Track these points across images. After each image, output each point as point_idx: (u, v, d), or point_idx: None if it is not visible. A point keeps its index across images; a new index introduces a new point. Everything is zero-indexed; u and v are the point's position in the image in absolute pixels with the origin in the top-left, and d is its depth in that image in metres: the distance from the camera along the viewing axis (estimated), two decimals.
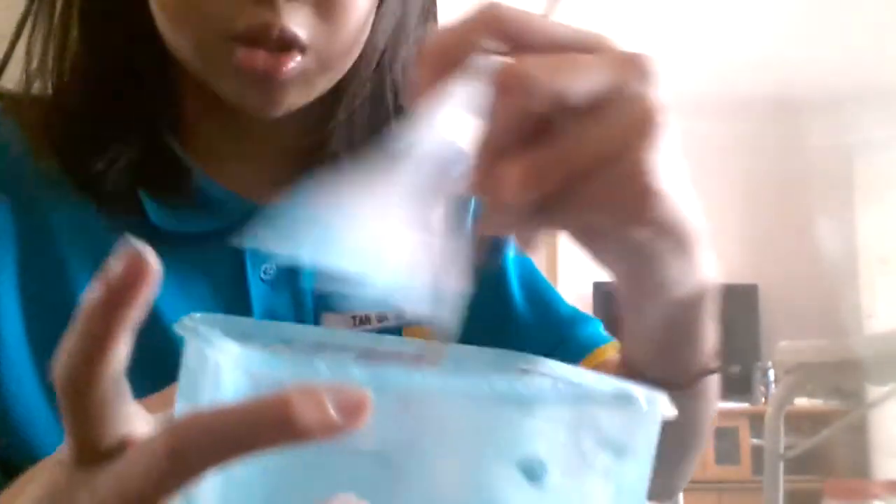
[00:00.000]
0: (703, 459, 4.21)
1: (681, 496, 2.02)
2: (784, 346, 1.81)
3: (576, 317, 0.65)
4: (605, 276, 0.41)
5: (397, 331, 0.58)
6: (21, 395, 0.47)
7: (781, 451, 1.75)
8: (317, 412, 0.22)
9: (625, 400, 0.27)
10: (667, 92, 0.32)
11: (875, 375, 1.83)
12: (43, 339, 0.48)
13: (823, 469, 3.82)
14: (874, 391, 2.39)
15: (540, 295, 0.66)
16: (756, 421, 4.11)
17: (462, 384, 0.26)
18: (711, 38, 3.85)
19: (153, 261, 0.24)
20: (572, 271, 4.76)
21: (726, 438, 4.24)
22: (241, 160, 0.57)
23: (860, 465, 4.16)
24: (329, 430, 0.23)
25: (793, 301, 4.55)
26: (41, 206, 0.51)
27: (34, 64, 0.53)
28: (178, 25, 0.49)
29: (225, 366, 0.25)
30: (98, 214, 0.51)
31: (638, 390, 0.27)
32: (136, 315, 0.25)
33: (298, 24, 0.47)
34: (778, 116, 4.64)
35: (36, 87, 0.53)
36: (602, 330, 0.65)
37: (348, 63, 0.53)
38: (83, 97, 0.52)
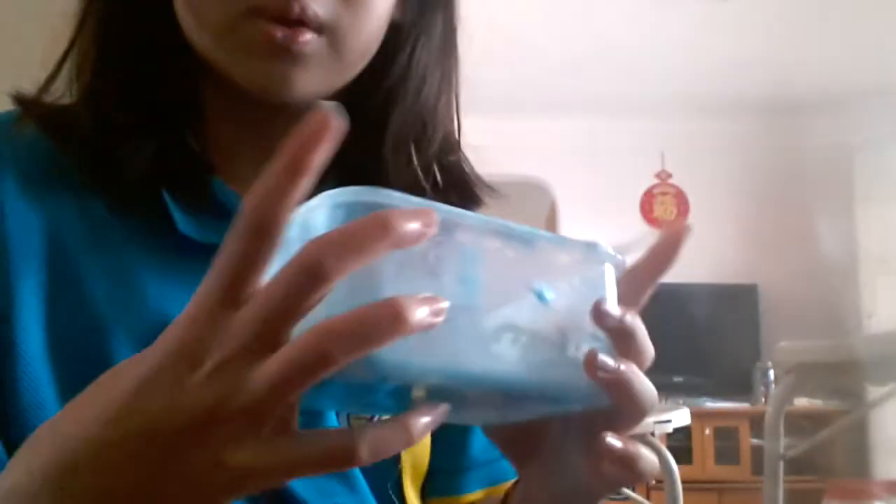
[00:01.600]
0: (703, 459, 4.21)
1: (681, 496, 2.02)
2: (784, 346, 1.81)
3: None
4: None
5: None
6: (39, 405, 0.47)
7: (781, 451, 1.75)
8: (405, 224, 0.30)
9: (592, 246, 0.39)
10: None
11: (875, 375, 1.83)
12: (61, 350, 0.49)
13: (823, 469, 3.82)
14: (874, 391, 2.39)
15: None
16: (756, 421, 4.11)
17: (496, 224, 0.36)
18: (711, 37, 3.85)
19: (336, 120, 0.30)
20: None
21: (726, 438, 4.24)
22: (262, 168, 0.58)
23: (860, 465, 4.16)
24: (413, 235, 0.30)
25: (793, 301, 4.55)
26: (63, 214, 0.51)
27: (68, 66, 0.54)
28: (199, 3, 0.50)
29: (314, 206, 0.33)
30: (119, 225, 0.52)
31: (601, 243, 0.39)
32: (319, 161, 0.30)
33: (319, 4, 0.49)
34: (778, 116, 4.64)
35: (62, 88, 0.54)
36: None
37: (363, 55, 0.54)
38: (105, 99, 0.52)
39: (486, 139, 0.63)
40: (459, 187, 0.62)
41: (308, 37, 0.49)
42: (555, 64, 4.08)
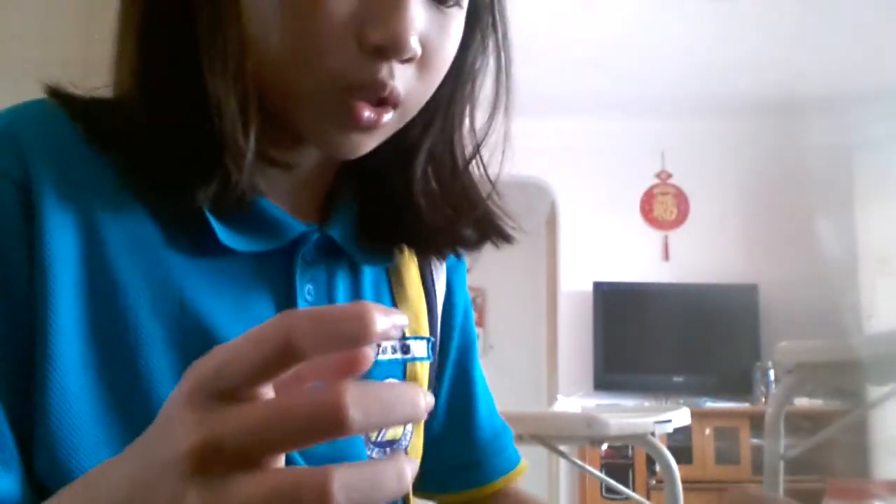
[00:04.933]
0: (703, 459, 4.21)
1: (681, 496, 2.02)
2: (784, 346, 1.81)
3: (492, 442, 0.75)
4: (604, 275, 0.42)
5: (401, 364, 0.63)
6: (66, 417, 0.46)
7: (781, 451, 1.75)
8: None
9: None
10: None
11: (875, 375, 1.83)
12: (98, 360, 0.48)
13: (823, 469, 3.82)
14: (874, 391, 2.39)
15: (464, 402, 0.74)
16: (756, 421, 4.10)
17: None
18: (712, 37, 3.85)
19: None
20: (572, 271, 4.76)
21: (726, 438, 4.24)
22: (297, 184, 0.59)
23: (860, 465, 4.16)
24: None
25: (793, 301, 4.55)
26: (100, 216, 0.51)
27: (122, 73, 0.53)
28: (285, 66, 0.50)
29: None
30: (159, 229, 0.51)
31: None
32: None
33: (403, 83, 0.51)
34: (778, 116, 4.64)
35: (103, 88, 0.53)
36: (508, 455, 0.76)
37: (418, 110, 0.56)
38: (171, 118, 0.50)
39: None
40: (487, 224, 0.64)
41: (387, 116, 0.52)
42: (555, 64, 4.09)
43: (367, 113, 0.50)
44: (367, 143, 0.53)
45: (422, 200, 0.60)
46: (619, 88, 4.40)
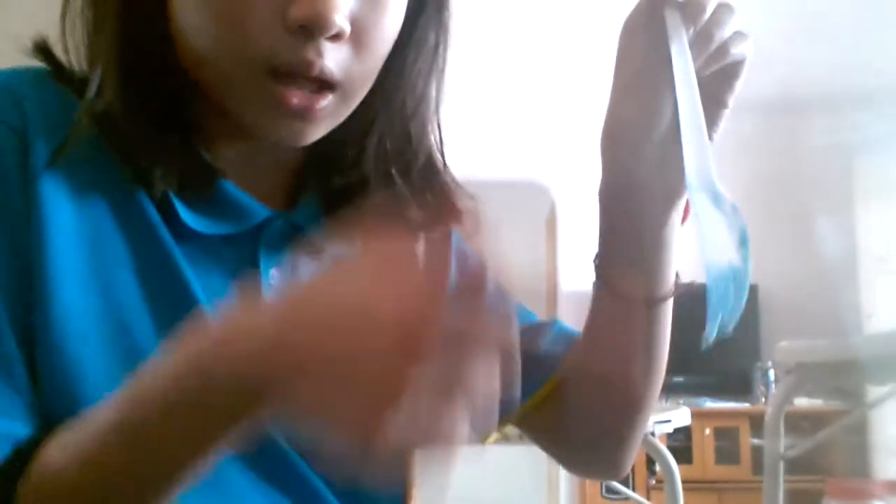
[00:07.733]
0: (703, 459, 4.21)
1: (681, 496, 2.02)
2: (784, 346, 1.81)
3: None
4: None
5: None
6: (74, 345, 0.47)
7: (781, 451, 1.75)
8: None
9: None
10: None
11: (875, 375, 1.83)
12: (95, 332, 0.49)
13: (823, 469, 3.82)
14: (874, 391, 2.39)
15: None
16: (756, 421, 4.10)
17: None
18: None
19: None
20: (572, 271, 4.76)
21: (726, 438, 4.24)
22: (258, 172, 0.59)
23: (860, 465, 4.16)
24: None
25: (793, 301, 4.54)
26: (91, 187, 0.52)
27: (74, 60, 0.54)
28: (215, 56, 0.50)
29: None
30: (143, 205, 0.52)
31: None
32: None
33: (336, 62, 0.49)
34: (778, 116, 4.64)
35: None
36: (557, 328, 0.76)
37: (365, 92, 0.55)
38: (126, 105, 0.52)
39: (486, 139, 0.64)
40: (442, 202, 0.63)
41: (324, 102, 0.50)
42: (555, 64, 4.09)
43: (297, 99, 0.49)
44: (311, 131, 0.52)
45: (377, 181, 0.60)
46: None
